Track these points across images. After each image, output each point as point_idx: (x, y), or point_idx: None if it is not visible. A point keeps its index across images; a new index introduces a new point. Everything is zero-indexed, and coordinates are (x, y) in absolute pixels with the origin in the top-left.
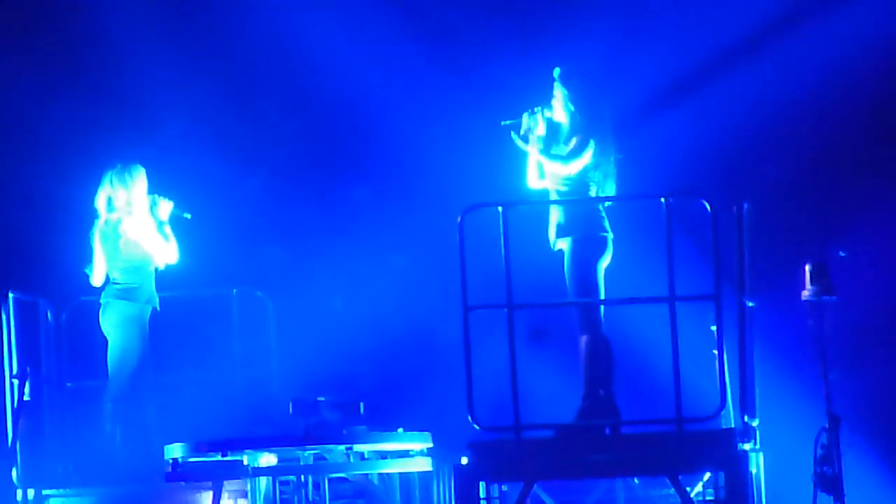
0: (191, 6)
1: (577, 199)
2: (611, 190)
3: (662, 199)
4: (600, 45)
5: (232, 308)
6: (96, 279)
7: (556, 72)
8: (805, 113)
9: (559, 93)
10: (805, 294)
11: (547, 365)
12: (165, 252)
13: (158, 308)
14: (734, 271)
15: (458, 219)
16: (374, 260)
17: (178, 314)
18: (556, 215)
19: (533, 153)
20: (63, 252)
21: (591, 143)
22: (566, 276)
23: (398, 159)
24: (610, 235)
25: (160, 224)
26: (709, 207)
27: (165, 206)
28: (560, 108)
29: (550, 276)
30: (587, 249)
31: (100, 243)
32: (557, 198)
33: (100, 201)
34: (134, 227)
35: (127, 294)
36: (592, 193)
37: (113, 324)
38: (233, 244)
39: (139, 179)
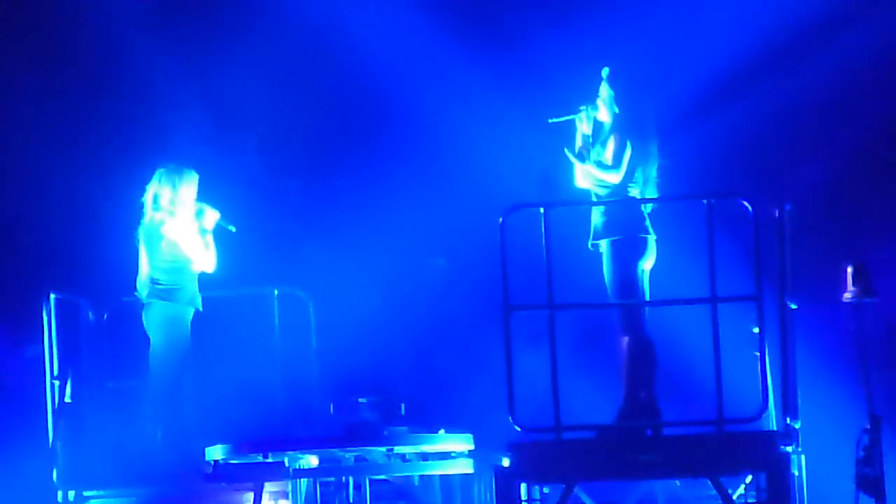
0: (223, 7)
1: (619, 200)
2: (652, 193)
3: (704, 201)
4: (640, 45)
5: (273, 308)
6: (141, 277)
7: (605, 71)
8: (846, 114)
9: (605, 93)
10: (846, 296)
11: (589, 365)
12: (203, 259)
13: (201, 309)
14: (776, 273)
15: (500, 219)
16: (414, 260)
17: (219, 314)
18: (596, 217)
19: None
20: (103, 252)
21: (629, 145)
22: (606, 276)
23: (439, 159)
24: (652, 236)
25: (203, 232)
26: (750, 209)
27: (212, 216)
28: (604, 108)
29: (591, 276)
30: (626, 250)
31: (143, 241)
32: (597, 198)
33: (147, 198)
34: (175, 229)
35: (169, 294)
36: (634, 195)
37: (155, 324)
38: (274, 245)
39: (188, 182)
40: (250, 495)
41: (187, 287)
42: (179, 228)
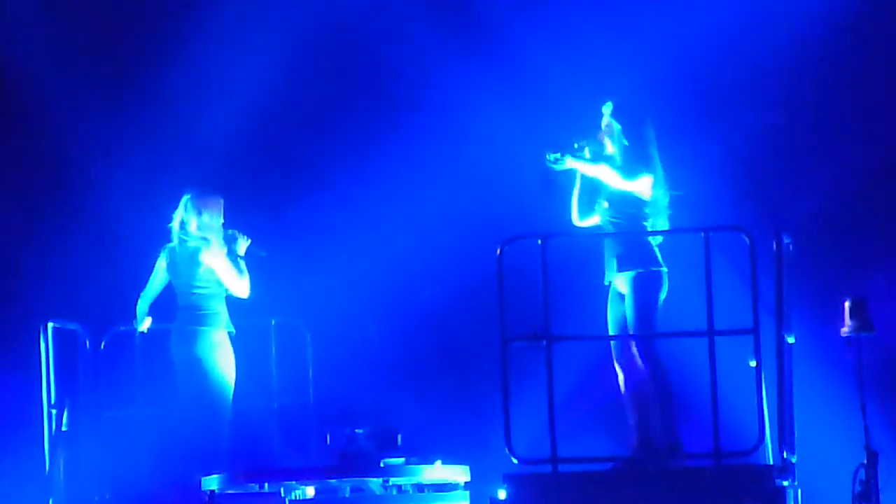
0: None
1: (619, 233)
2: (663, 225)
3: (702, 233)
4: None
5: (270, 338)
6: (144, 301)
7: (608, 106)
8: (845, 146)
9: (611, 127)
10: (844, 330)
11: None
12: (239, 286)
13: (234, 332)
14: (774, 305)
15: (498, 250)
16: (411, 290)
17: None
18: (611, 250)
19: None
20: (101, 281)
21: (646, 172)
22: (628, 310)
23: (437, 188)
24: (665, 269)
25: (236, 258)
26: (748, 241)
27: (244, 243)
28: (610, 143)
29: (588, 308)
30: (650, 284)
31: (165, 266)
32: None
33: (175, 225)
34: (212, 255)
35: (212, 320)
36: (649, 228)
37: (206, 350)
38: (271, 275)
39: (216, 207)
40: None
41: (224, 312)
42: (215, 254)
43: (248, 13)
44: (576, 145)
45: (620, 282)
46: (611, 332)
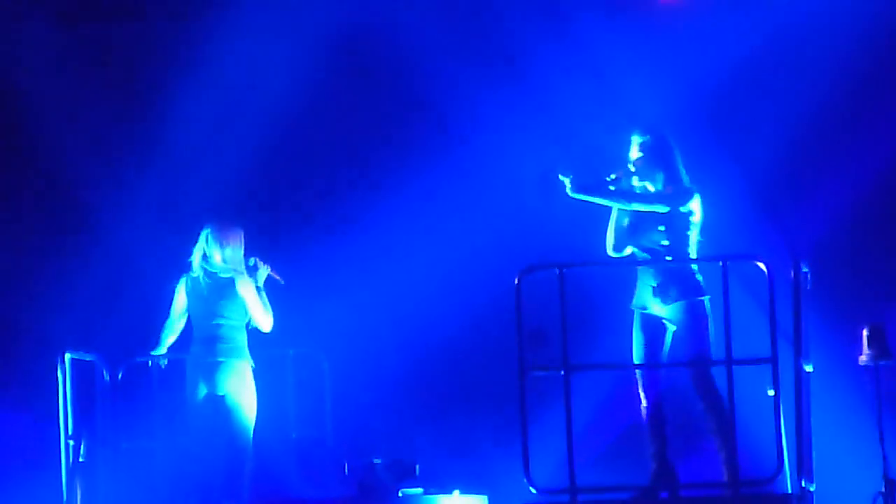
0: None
1: (640, 262)
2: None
3: (720, 263)
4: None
5: (288, 368)
6: (172, 336)
7: (638, 137)
8: (864, 174)
9: (643, 158)
10: (862, 358)
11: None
12: (266, 319)
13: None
14: (792, 334)
15: (516, 280)
16: (430, 320)
17: None
18: (651, 277)
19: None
20: (118, 312)
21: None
22: (682, 340)
23: (457, 215)
24: (707, 297)
25: (260, 290)
26: (765, 270)
27: (263, 271)
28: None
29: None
30: (703, 314)
31: (185, 294)
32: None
33: (195, 258)
34: (245, 287)
35: (237, 353)
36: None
37: (232, 383)
38: (290, 305)
39: (236, 239)
40: None
41: (246, 345)
42: (247, 286)
43: (271, 41)
44: (611, 177)
45: (660, 310)
46: (636, 359)
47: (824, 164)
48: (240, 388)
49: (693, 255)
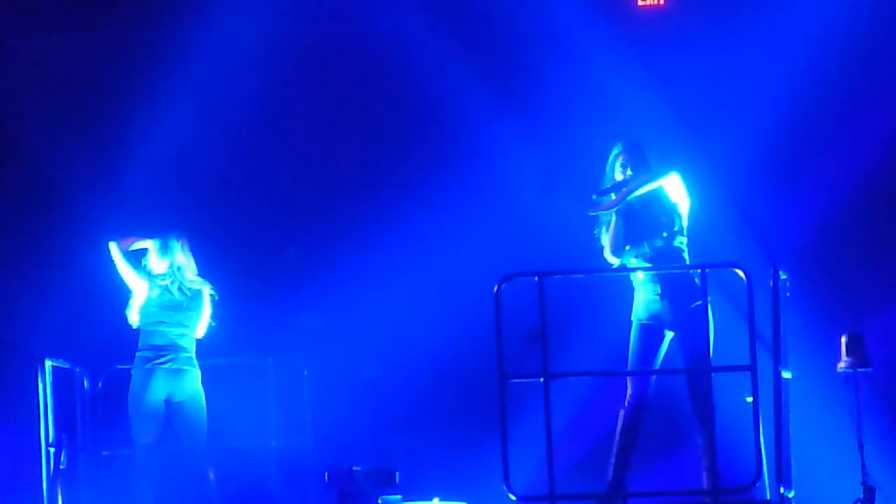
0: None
1: (619, 270)
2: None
3: (698, 270)
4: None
5: (268, 376)
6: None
7: (618, 147)
8: (842, 183)
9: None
10: (840, 366)
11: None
12: (204, 328)
13: None
14: (771, 341)
15: (495, 288)
16: (409, 328)
17: (214, 382)
18: (654, 285)
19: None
20: (98, 320)
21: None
22: (684, 343)
23: (437, 223)
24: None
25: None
26: (744, 277)
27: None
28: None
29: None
30: (707, 317)
31: (151, 304)
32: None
33: (161, 265)
34: (207, 299)
35: (193, 363)
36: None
37: (197, 390)
38: (269, 313)
39: (187, 250)
40: None
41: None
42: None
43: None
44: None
45: (666, 317)
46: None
47: (803, 171)
48: (199, 395)
49: (686, 255)
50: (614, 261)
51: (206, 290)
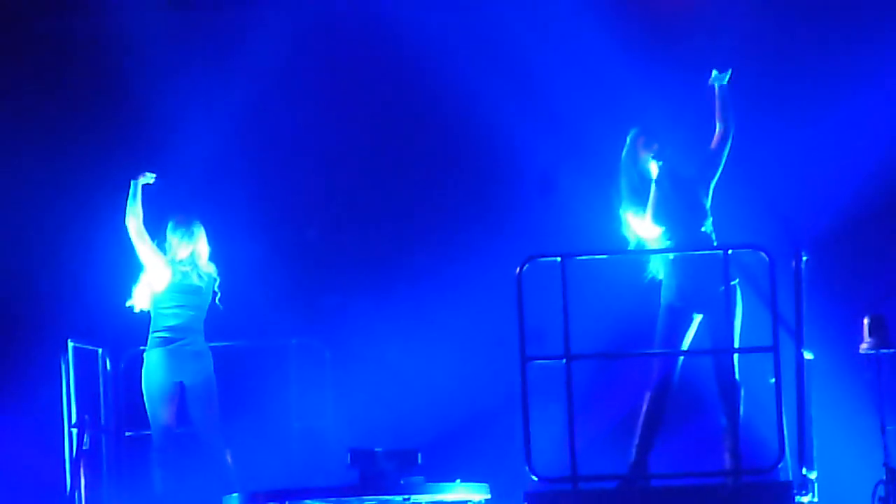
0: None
1: (636, 251)
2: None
3: (720, 252)
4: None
5: (290, 358)
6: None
7: (635, 130)
8: (864, 164)
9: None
10: (863, 347)
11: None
12: None
13: None
14: (793, 322)
15: (518, 270)
16: (432, 309)
17: (236, 364)
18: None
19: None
20: (121, 300)
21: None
22: (713, 326)
23: (460, 207)
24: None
25: None
26: (767, 259)
27: None
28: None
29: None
30: (736, 298)
31: (172, 288)
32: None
33: (184, 251)
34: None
35: (207, 346)
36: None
37: (208, 373)
38: (291, 295)
39: (201, 236)
40: None
41: None
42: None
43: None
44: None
45: (697, 300)
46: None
47: (826, 153)
48: (213, 378)
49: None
50: (651, 234)
51: (216, 279)
